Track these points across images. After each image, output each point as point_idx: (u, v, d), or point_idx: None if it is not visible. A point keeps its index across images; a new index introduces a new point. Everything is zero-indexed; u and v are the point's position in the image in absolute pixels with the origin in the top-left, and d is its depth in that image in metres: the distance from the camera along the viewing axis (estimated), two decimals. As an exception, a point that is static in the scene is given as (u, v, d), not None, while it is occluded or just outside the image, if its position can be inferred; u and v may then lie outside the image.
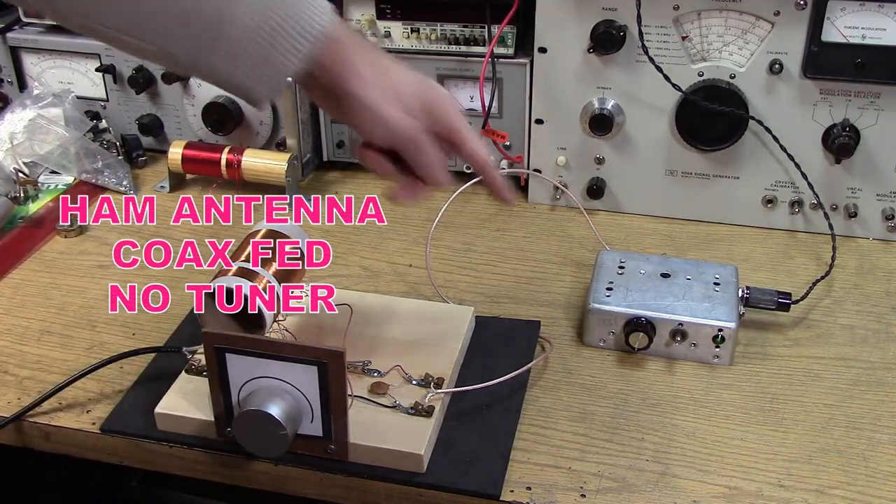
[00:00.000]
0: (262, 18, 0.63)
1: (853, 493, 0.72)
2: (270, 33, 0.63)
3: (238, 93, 0.67)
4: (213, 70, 0.65)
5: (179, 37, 0.63)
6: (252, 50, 0.64)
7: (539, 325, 0.90)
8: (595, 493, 0.72)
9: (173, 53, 0.64)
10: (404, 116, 0.70)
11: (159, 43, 0.63)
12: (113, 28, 0.63)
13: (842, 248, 1.01)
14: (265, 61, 0.64)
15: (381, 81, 0.69)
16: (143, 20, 0.62)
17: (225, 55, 0.63)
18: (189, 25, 0.62)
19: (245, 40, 0.63)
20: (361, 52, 0.69)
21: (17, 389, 0.83)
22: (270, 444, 0.71)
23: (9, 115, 1.16)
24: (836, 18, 0.95)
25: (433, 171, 0.73)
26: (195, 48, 0.63)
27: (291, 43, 0.64)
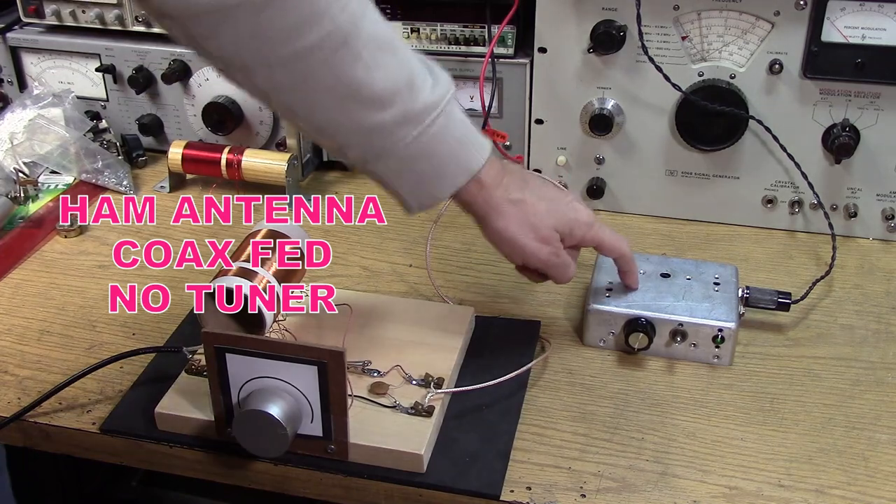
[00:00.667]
0: (432, 146, 0.71)
1: (853, 493, 0.72)
2: (436, 161, 0.72)
3: (394, 197, 0.76)
4: (377, 174, 0.74)
5: (360, 145, 0.72)
6: (415, 170, 0.73)
7: (539, 325, 0.90)
8: (595, 493, 0.72)
9: (348, 155, 0.73)
10: (539, 246, 0.79)
11: (341, 142, 0.72)
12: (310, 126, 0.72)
13: (842, 248, 1.01)
14: (424, 183, 0.74)
15: (519, 217, 0.78)
16: (336, 124, 0.71)
17: (390, 169, 0.73)
18: (371, 139, 0.71)
19: (411, 161, 0.72)
20: (504, 190, 0.77)
21: (17, 389, 0.83)
22: (270, 444, 0.71)
23: (9, 115, 1.16)
24: (836, 18, 0.95)
25: (562, 279, 0.83)
26: (369, 155, 0.72)
27: (450, 175, 0.73)
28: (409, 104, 0.70)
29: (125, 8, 1.18)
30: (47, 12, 1.20)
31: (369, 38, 0.68)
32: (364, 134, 0.71)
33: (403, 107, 0.69)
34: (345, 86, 0.68)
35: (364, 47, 0.68)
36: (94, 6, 1.18)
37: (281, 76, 0.68)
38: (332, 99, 0.69)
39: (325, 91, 0.68)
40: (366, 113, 0.69)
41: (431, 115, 0.71)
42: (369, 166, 0.73)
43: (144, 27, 1.18)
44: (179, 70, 1.17)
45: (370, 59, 0.68)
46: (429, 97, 0.71)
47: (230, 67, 0.69)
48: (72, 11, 1.19)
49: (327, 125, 0.71)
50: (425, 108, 0.70)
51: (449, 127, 0.72)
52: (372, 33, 0.69)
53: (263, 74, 0.68)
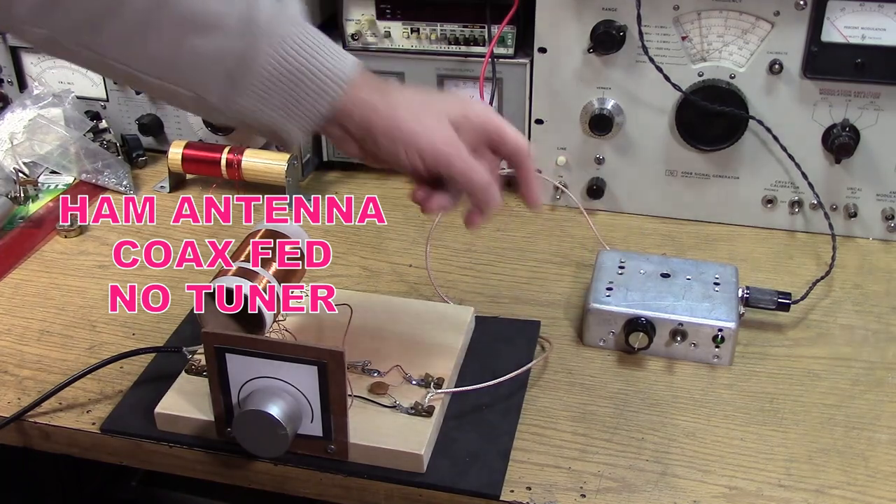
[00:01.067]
0: (289, 60, 0.66)
1: (853, 493, 0.72)
2: (298, 75, 0.66)
3: (271, 134, 0.70)
4: (247, 111, 0.67)
5: (211, 79, 0.66)
6: (283, 91, 0.66)
7: (539, 325, 0.90)
8: (595, 493, 0.72)
9: (205, 97, 0.67)
10: (437, 128, 0.70)
11: (192, 86, 0.66)
12: (147, 73, 0.66)
13: (842, 248, 1.01)
14: (297, 103, 0.67)
15: (408, 106, 0.70)
16: (174, 64, 0.65)
17: (257, 96, 0.66)
18: (220, 66, 0.65)
19: (276, 81, 0.66)
20: (386, 90, 0.70)
21: (17, 389, 0.83)
22: (270, 444, 0.71)
23: (9, 115, 1.16)
24: (836, 18, 0.95)
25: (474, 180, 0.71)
26: (230, 90, 0.66)
27: (323, 85, 0.67)
28: (252, 17, 0.64)
29: (125, 8, 1.17)
30: (47, 12, 1.20)
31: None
32: (215, 65, 0.65)
33: (247, 23, 0.64)
34: (180, 17, 0.63)
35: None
36: (94, 6, 1.18)
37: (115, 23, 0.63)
38: (171, 37, 0.64)
39: (164, 30, 0.63)
40: (209, 40, 0.64)
41: (283, 26, 0.66)
42: (236, 104, 0.67)
43: (144, 27, 1.18)
44: (179, 70, 1.17)
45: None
46: (273, 7, 0.66)
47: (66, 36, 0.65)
48: (72, 11, 1.19)
49: (175, 70, 0.65)
50: (273, 18, 0.65)
51: (306, 35, 0.67)
52: None
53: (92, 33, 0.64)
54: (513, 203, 1.13)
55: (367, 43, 1.12)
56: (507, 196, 1.13)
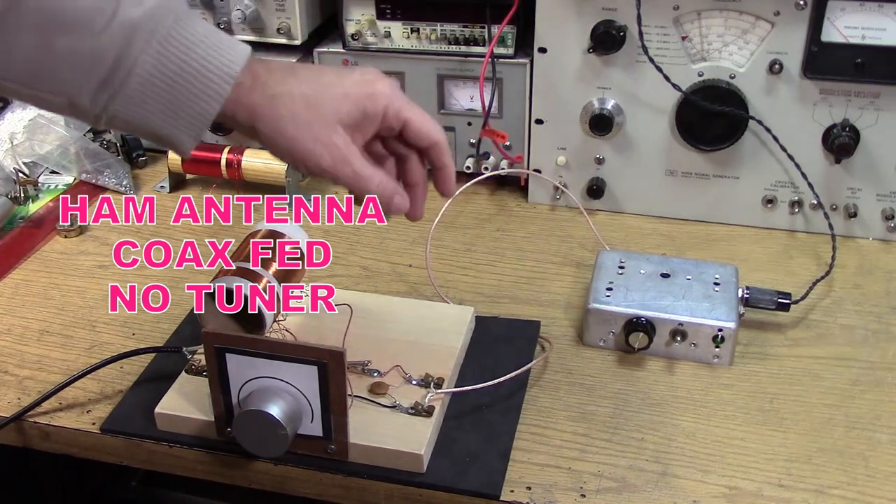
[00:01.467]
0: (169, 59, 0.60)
1: (853, 493, 0.72)
2: (180, 76, 0.60)
3: (158, 140, 0.64)
4: (124, 116, 0.61)
5: (82, 83, 0.59)
6: (162, 94, 0.61)
7: (539, 325, 0.90)
8: (595, 493, 0.72)
9: (78, 103, 0.61)
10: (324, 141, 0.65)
11: (62, 92, 0.60)
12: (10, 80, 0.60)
13: (842, 248, 1.01)
14: (182, 105, 0.61)
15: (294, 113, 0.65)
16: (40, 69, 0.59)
17: (135, 101, 0.61)
18: (90, 69, 0.59)
19: (153, 83, 0.60)
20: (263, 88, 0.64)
21: (17, 389, 0.83)
22: (270, 444, 0.71)
23: (9, 115, 1.16)
24: (836, 18, 0.95)
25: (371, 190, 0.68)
26: (105, 95, 0.60)
27: (209, 85, 0.61)
28: (125, 13, 0.58)
29: (125, 8, 1.17)
30: (47, 12, 1.20)
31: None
32: (85, 67, 0.59)
33: (119, 19, 0.58)
34: (41, 15, 0.57)
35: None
36: (93, 6, 1.18)
37: None
38: (35, 37, 0.58)
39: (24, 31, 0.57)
40: (76, 39, 0.58)
41: (160, 21, 0.59)
42: (113, 110, 0.61)
43: (144, 27, 1.18)
44: (179, 70, 1.17)
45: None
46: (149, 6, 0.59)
47: None
48: (72, 11, 1.19)
49: (42, 76, 0.59)
50: (149, 13, 0.59)
51: (189, 31, 0.61)
52: None
53: None
54: (513, 203, 1.13)
55: (367, 43, 1.12)
56: (507, 196, 1.14)
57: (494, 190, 1.15)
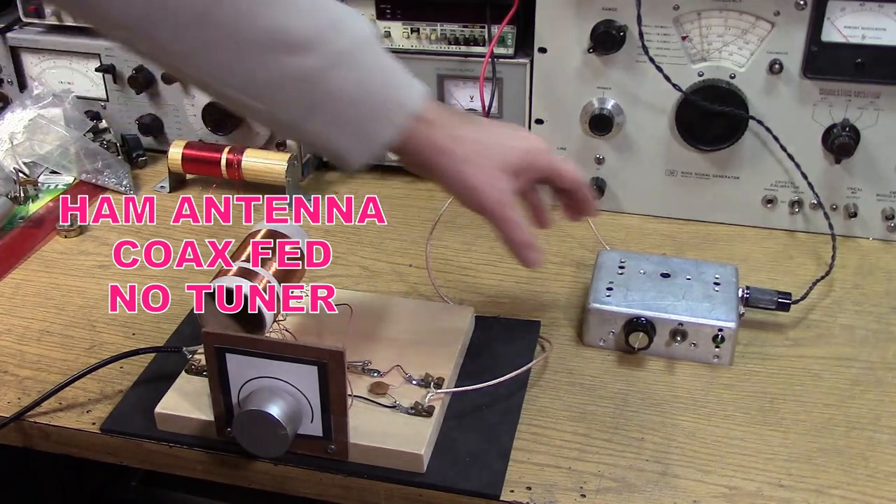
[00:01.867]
0: (366, 86, 0.67)
1: (853, 493, 0.72)
2: (368, 102, 0.68)
3: (334, 157, 0.71)
4: (314, 131, 0.69)
5: (286, 98, 0.67)
6: (352, 116, 0.68)
7: (539, 325, 0.90)
8: (595, 493, 0.72)
9: (277, 115, 0.68)
10: (494, 184, 0.74)
11: (267, 103, 0.67)
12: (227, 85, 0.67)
13: (842, 248, 1.01)
14: (363, 129, 0.69)
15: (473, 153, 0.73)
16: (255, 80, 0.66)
17: (327, 120, 0.68)
18: (297, 87, 0.66)
19: (346, 107, 0.68)
20: (449, 128, 0.73)
21: (17, 389, 0.83)
22: (270, 444, 0.71)
23: (9, 115, 1.16)
24: (836, 18, 0.95)
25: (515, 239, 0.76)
26: (302, 110, 0.68)
27: (389, 115, 0.69)
28: (335, 44, 0.66)
29: (125, 8, 1.17)
30: (47, 12, 1.20)
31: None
32: (293, 85, 0.66)
33: (330, 47, 0.66)
34: (267, 33, 0.64)
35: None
36: (94, 6, 1.18)
37: (197, 34, 0.64)
38: (254, 51, 0.65)
39: (245, 44, 0.64)
40: (291, 59, 0.65)
41: (360, 54, 0.67)
42: (305, 124, 0.69)
43: (144, 27, 1.18)
44: (179, 70, 1.17)
45: (289, 1, 0.65)
46: (354, 35, 0.67)
47: (137, 34, 0.65)
48: (72, 11, 1.19)
49: (252, 84, 0.66)
50: (353, 46, 0.67)
51: (379, 65, 0.68)
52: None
53: (177, 36, 0.64)
54: (513, 203, 1.13)
55: (367, 43, 1.11)
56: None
57: (494, 190, 1.15)
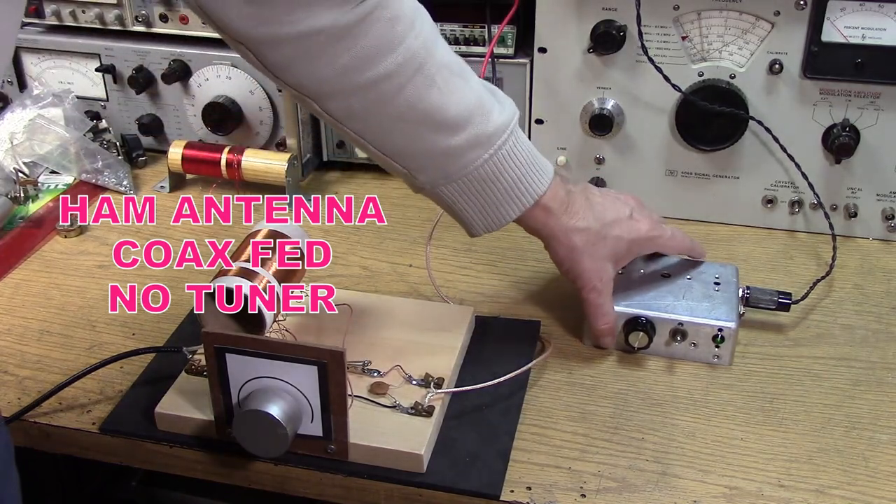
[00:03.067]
0: (501, 168, 0.74)
1: (853, 493, 0.72)
2: (502, 183, 0.74)
3: (457, 220, 0.79)
4: (445, 196, 0.76)
5: (428, 167, 0.74)
6: (484, 193, 0.75)
7: (539, 325, 0.90)
8: (595, 493, 0.72)
9: (416, 177, 0.75)
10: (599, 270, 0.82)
11: (409, 167, 0.75)
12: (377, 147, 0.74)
13: (842, 248, 1.01)
14: (491, 206, 0.76)
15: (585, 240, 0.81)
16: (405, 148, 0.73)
17: (460, 191, 0.75)
18: (441, 160, 0.73)
19: (480, 183, 0.74)
20: (570, 218, 0.80)
21: (17, 389, 0.83)
22: (270, 444, 0.71)
23: (9, 115, 1.16)
24: (836, 18, 0.95)
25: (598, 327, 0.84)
26: (439, 178, 0.74)
27: (517, 198, 0.75)
28: (480, 127, 0.72)
29: (125, 8, 1.18)
30: (47, 12, 1.20)
31: (442, 64, 0.71)
32: (437, 158, 0.72)
33: (476, 130, 0.71)
34: (419, 111, 0.70)
35: (437, 73, 0.70)
36: (94, 6, 1.18)
37: (356, 103, 0.69)
38: (406, 125, 0.71)
39: (399, 117, 0.70)
40: (440, 137, 0.71)
41: (501, 138, 0.73)
42: (438, 189, 0.75)
43: (144, 27, 1.18)
44: (179, 70, 1.17)
45: (444, 84, 0.70)
46: (498, 119, 0.73)
47: (304, 94, 0.71)
48: (72, 11, 1.19)
49: (400, 151, 0.73)
50: (496, 130, 0.73)
51: (516, 150, 0.74)
52: (444, 59, 0.71)
53: (338, 102, 0.70)
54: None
55: (367, 43, 1.11)
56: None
57: (494, 190, 1.15)
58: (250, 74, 1.15)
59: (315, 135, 1.19)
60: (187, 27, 1.17)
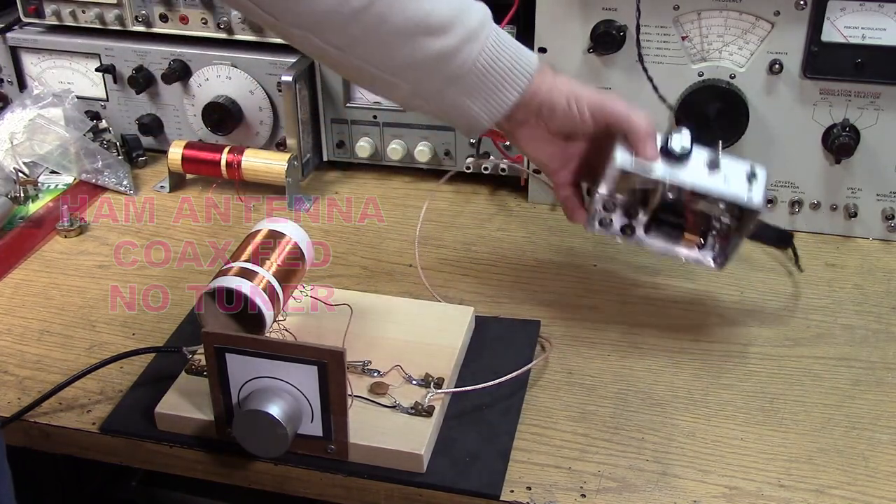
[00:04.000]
0: (495, 56, 0.77)
1: (853, 493, 0.72)
2: (499, 71, 0.77)
3: (462, 121, 0.80)
4: (448, 101, 0.78)
5: (431, 75, 0.76)
6: (485, 84, 0.77)
7: (539, 325, 0.90)
8: (595, 493, 0.72)
9: (420, 89, 0.78)
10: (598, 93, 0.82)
11: (412, 81, 0.77)
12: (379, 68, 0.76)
13: (842, 248, 1.01)
14: (494, 93, 0.78)
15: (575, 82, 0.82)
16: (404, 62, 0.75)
17: (464, 90, 0.77)
18: (441, 65, 0.76)
19: (480, 76, 0.77)
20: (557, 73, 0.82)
21: (17, 389, 0.83)
22: (270, 444, 0.71)
23: (9, 115, 1.16)
24: (836, 18, 0.95)
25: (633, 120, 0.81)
26: (442, 83, 0.77)
27: (515, 78, 0.78)
28: (467, 23, 0.75)
29: (125, 8, 1.18)
30: (47, 12, 1.20)
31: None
32: (438, 63, 0.75)
33: (465, 27, 0.75)
34: (414, 21, 0.73)
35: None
36: (94, 6, 1.18)
37: (356, 29, 0.73)
38: (405, 38, 0.74)
39: (397, 31, 0.73)
40: (436, 41, 0.74)
41: (486, 29, 0.77)
42: (443, 95, 0.78)
43: (144, 27, 1.18)
44: (179, 70, 1.17)
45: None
46: (478, 13, 0.77)
47: (306, 30, 0.74)
48: (72, 11, 1.19)
49: (404, 66, 0.76)
50: (480, 23, 0.76)
51: (501, 37, 0.78)
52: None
53: (339, 31, 0.73)
54: (512, 203, 1.13)
55: (367, 43, 1.11)
56: (507, 196, 1.14)
57: (494, 190, 1.15)
58: (250, 74, 1.15)
59: (315, 135, 1.19)
60: (187, 27, 1.17)
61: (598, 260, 1.01)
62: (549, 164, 0.85)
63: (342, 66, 0.78)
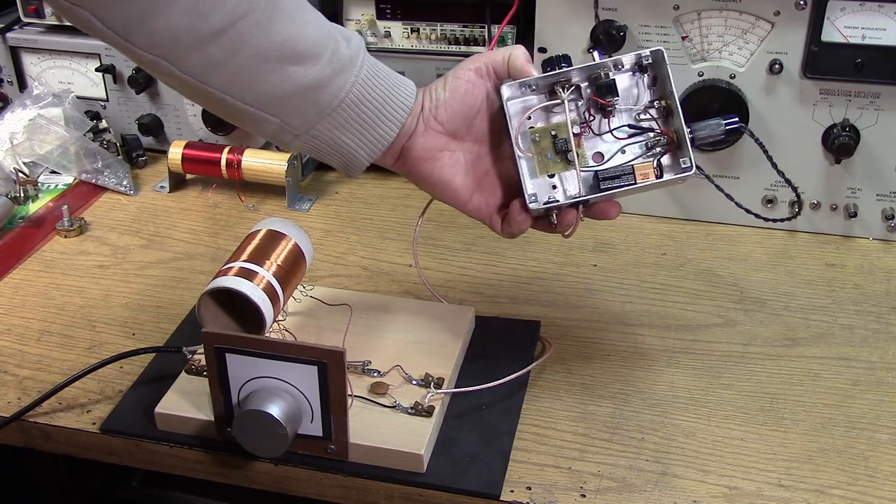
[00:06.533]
0: (369, 88, 0.72)
1: (853, 493, 0.72)
2: (374, 104, 0.72)
3: (338, 158, 0.75)
4: (322, 136, 0.73)
5: (299, 106, 0.71)
6: (360, 118, 0.73)
7: (539, 325, 0.90)
8: (595, 493, 0.72)
9: (289, 123, 0.71)
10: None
11: (279, 114, 0.71)
12: (241, 99, 0.70)
13: (842, 248, 1.01)
14: (370, 129, 0.73)
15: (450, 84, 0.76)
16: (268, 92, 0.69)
17: (336, 124, 0.72)
18: (310, 95, 0.70)
19: (354, 109, 0.72)
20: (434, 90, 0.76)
21: (17, 389, 0.83)
22: (270, 444, 0.71)
23: (9, 115, 1.16)
24: (836, 18, 0.95)
25: None
26: (313, 116, 0.71)
27: (392, 112, 0.73)
28: (339, 52, 0.70)
29: (125, 8, 1.18)
30: (47, 12, 1.20)
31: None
32: (306, 94, 0.70)
33: (335, 56, 0.70)
34: (279, 46, 0.68)
35: (290, 4, 0.69)
36: (94, 6, 1.18)
37: (215, 51, 0.67)
38: (269, 64, 0.68)
39: (261, 57, 0.68)
40: (304, 70, 0.69)
41: (360, 59, 0.72)
42: (315, 130, 0.72)
43: (144, 27, 1.18)
44: (179, 70, 1.17)
45: (298, 15, 0.69)
46: (352, 43, 0.72)
47: (158, 55, 0.67)
48: (72, 11, 1.19)
49: (269, 97, 0.70)
50: (353, 53, 0.71)
51: (376, 68, 0.73)
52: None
53: (197, 55, 0.67)
54: (513, 203, 1.13)
55: (368, 43, 1.12)
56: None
57: (494, 190, 1.15)
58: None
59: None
60: (187, 27, 1.17)
61: (598, 260, 1.01)
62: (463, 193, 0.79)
63: (204, 98, 0.71)
